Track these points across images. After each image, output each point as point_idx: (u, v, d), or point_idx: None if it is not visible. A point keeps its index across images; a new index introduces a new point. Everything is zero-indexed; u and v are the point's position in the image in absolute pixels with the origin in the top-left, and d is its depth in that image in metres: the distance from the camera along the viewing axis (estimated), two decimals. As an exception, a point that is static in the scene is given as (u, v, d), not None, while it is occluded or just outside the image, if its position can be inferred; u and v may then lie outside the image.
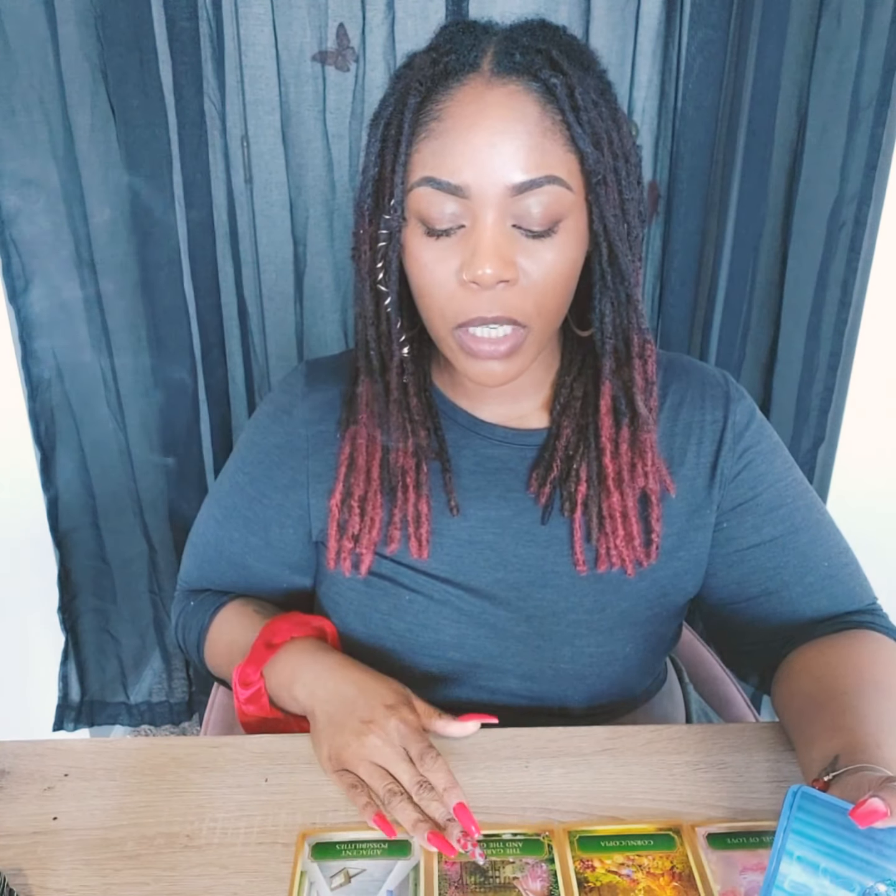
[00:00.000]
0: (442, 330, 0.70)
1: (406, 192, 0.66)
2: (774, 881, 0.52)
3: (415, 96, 0.65)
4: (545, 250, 0.66)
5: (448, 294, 0.67)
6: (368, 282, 0.71)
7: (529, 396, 0.80)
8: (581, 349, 0.78)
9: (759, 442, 0.80)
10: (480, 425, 0.80)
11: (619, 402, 0.75)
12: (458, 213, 0.65)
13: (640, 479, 0.75)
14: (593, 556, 0.77)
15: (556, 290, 0.68)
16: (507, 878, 0.58)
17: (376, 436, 0.77)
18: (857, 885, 0.50)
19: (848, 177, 1.27)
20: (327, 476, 0.80)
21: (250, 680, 0.74)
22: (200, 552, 0.89)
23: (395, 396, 0.75)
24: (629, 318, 0.72)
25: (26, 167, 1.24)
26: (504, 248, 0.64)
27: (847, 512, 1.03)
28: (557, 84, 0.63)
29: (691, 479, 0.79)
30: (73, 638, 1.53)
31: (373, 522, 0.77)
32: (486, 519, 0.78)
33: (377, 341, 0.74)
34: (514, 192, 0.63)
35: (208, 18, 1.22)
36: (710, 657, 1.04)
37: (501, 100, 0.63)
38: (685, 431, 0.80)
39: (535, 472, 0.78)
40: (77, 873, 0.60)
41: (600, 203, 0.66)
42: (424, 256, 0.67)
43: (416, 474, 0.77)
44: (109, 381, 1.39)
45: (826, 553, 0.79)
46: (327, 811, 0.65)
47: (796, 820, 0.52)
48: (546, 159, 0.63)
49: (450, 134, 0.64)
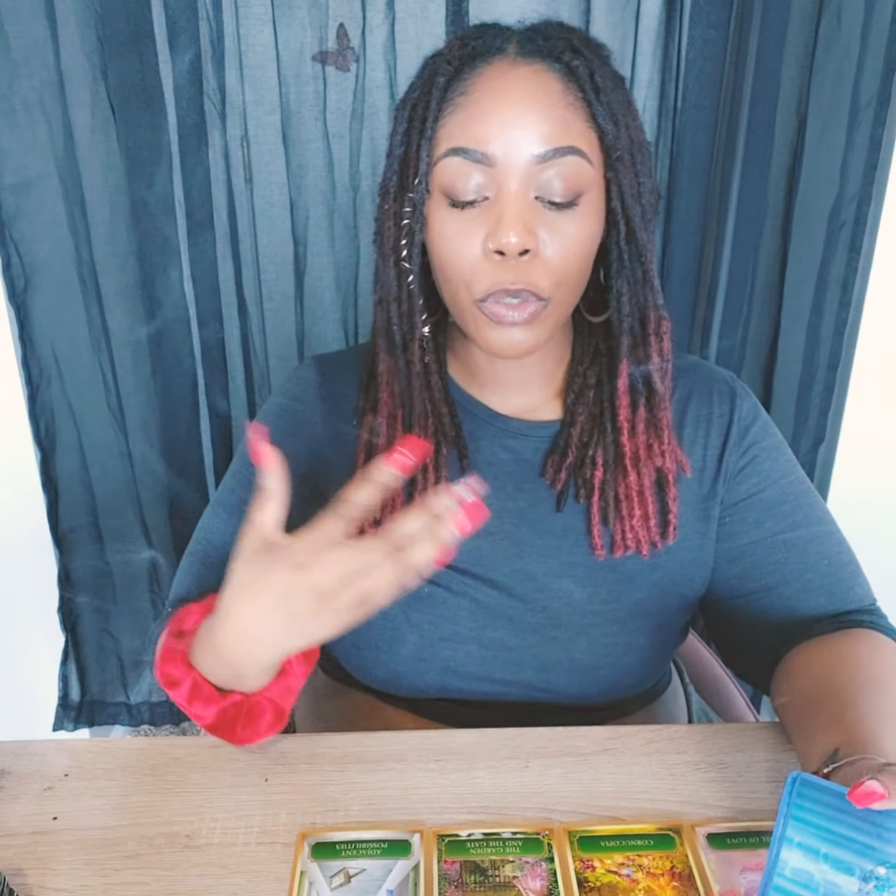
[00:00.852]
0: (466, 301, 0.71)
1: (432, 166, 0.68)
2: (776, 869, 0.52)
3: (443, 75, 0.68)
4: (566, 223, 0.68)
5: (472, 265, 0.69)
6: (392, 258, 0.73)
7: (541, 387, 0.81)
8: (592, 339, 0.80)
9: (764, 438, 0.81)
10: (495, 417, 0.80)
11: (635, 380, 0.76)
12: (483, 183, 0.67)
13: (658, 458, 0.77)
14: (609, 542, 0.77)
15: (576, 264, 0.69)
16: (507, 878, 0.58)
17: (397, 415, 0.78)
18: (857, 868, 0.50)
19: (848, 177, 1.27)
20: (344, 466, 0.79)
21: (175, 678, 0.65)
22: (200, 560, 0.82)
23: (417, 370, 0.76)
24: (646, 297, 0.73)
25: (26, 167, 1.24)
26: (527, 217, 0.66)
27: (847, 511, 1.03)
28: (579, 65, 0.67)
29: (699, 470, 0.80)
30: (73, 638, 1.53)
31: (393, 504, 0.77)
32: (503, 510, 0.78)
33: (399, 319, 0.75)
34: (538, 161, 0.66)
35: (208, 18, 1.22)
36: (710, 657, 1.04)
37: (526, 75, 0.67)
38: (693, 423, 0.81)
39: (551, 459, 0.78)
40: (77, 873, 0.60)
41: (619, 180, 0.69)
42: (448, 228, 0.69)
43: (435, 456, 0.77)
44: (109, 381, 1.39)
45: (827, 551, 0.79)
46: (327, 811, 0.65)
47: (796, 806, 0.52)
48: (568, 131, 0.66)
49: (477, 105, 0.66)
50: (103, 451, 1.43)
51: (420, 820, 0.64)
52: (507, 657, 0.79)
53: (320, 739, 0.72)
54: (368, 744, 0.72)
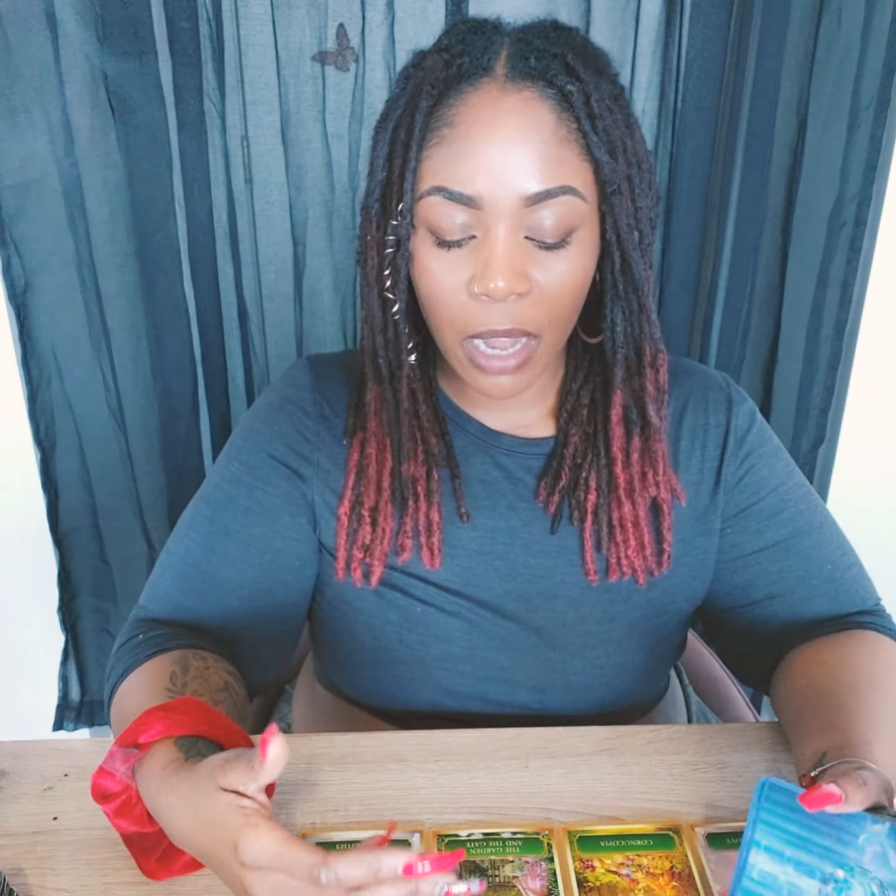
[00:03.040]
0: (450, 340, 0.69)
1: (416, 201, 0.64)
2: (744, 872, 0.53)
3: (427, 100, 0.63)
4: (558, 261, 0.65)
5: (458, 305, 0.66)
6: (376, 289, 0.69)
7: (535, 405, 0.79)
8: (587, 355, 0.77)
9: (761, 446, 0.80)
10: (488, 434, 0.78)
11: (629, 411, 0.74)
12: (469, 223, 0.63)
13: (652, 488, 0.75)
14: (604, 566, 0.76)
15: (569, 301, 0.67)
16: (507, 877, 0.58)
17: (386, 444, 0.75)
18: (818, 871, 0.51)
19: (848, 177, 1.27)
20: (335, 475, 0.77)
21: (109, 791, 0.58)
22: (176, 564, 0.77)
23: (405, 406, 0.73)
24: (641, 328, 0.70)
25: (26, 167, 1.24)
26: (517, 260, 0.63)
27: (847, 512, 1.02)
28: (574, 91, 0.62)
29: (697, 483, 0.79)
30: (73, 638, 1.53)
31: (384, 533, 0.75)
32: (495, 529, 0.77)
33: (385, 349, 0.72)
34: (528, 202, 0.62)
35: (208, 18, 1.22)
36: (710, 658, 1.04)
37: (517, 106, 0.62)
38: (690, 435, 0.79)
39: (544, 481, 0.76)
40: (77, 873, 0.60)
41: (614, 213, 0.65)
42: (434, 267, 0.66)
43: (426, 482, 0.75)
44: (109, 381, 1.39)
45: (829, 556, 0.79)
46: (327, 811, 0.65)
47: (763, 810, 0.53)
48: (561, 169, 0.62)
49: (462, 141, 0.62)
50: (103, 451, 1.43)
51: (420, 820, 0.64)
52: (501, 677, 0.78)
53: (320, 739, 0.73)
54: (368, 744, 0.72)
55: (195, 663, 0.69)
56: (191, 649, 0.71)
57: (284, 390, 0.81)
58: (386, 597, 0.77)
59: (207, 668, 0.69)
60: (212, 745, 0.58)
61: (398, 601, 0.77)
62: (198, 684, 0.66)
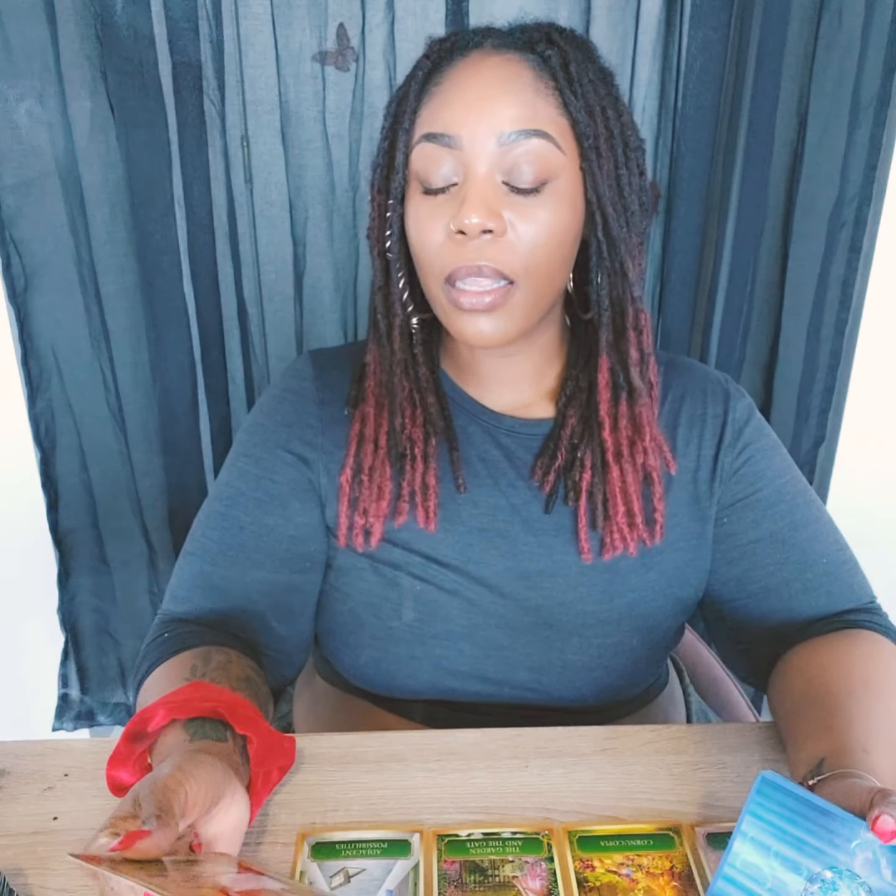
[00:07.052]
0: (433, 286, 0.72)
1: (409, 154, 0.70)
2: (727, 858, 0.54)
3: (422, 69, 0.70)
4: (535, 207, 0.68)
5: (437, 246, 0.70)
6: (377, 249, 0.74)
7: (532, 385, 0.81)
8: (587, 341, 0.79)
9: (759, 439, 0.81)
10: (488, 413, 0.80)
11: (616, 375, 0.76)
12: (452, 169, 0.68)
13: (640, 455, 0.76)
14: (598, 545, 0.77)
15: (546, 250, 0.69)
16: (507, 877, 0.58)
17: (384, 403, 0.78)
18: (805, 869, 0.52)
19: (848, 177, 1.27)
20: (338, 455, 0.79)
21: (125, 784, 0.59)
22: (195, 564, 0.79)
23: (398, 357, 0.76)
24: (622, 288, 0.73)
25: (26, 167, 1.24)
26: (491, 199, 0.67)
27: (847, 512, 1.03)
28: (552, 55, 0.68)
29: (694, 469, 0.80)
30: (73, 638, 1.53)
31: (381, 492, 0.77)
32: (496, 506, 0.78)
33: (383, 307, 0.76)
34: (502, 142, 0.66)
35: (208, 18, 1.22)
36: (710, 658, 1.04)
37: (497, 64, 0.68)
38: (688, 423, 0.81)
39: (540, 461, 0.78)
40: (77, 873, 0.60)
41: (593, 170, 0.69)
42: (420, 213, 0.70)
43: (423, 446, 0.77)
44: (109, 381, 1.39)
45: (825, 550, 0.79)
46: (327, 811, 0.65)
47: (755, 803, 0.54)
48: (536, 115, 0.67)
49: (446, 93, 0.69)
50: (103, 451, 1.43)
51: (420, 820, 0.64)
52: (499, 656, 0.79)
53: (320, 739, 0.72)
54: (368, 744, 0.72)
55: (218, 657, 0.71)
56: (215, 645, 0.73)
57: (287, 383, 0.84)
58: (386, 575, 0.78)
59: (230, 661, 0.71)
60: (219, 726, 0.60)
61: (398, 579, 0.78)
62: (217, 674, 0.68)
